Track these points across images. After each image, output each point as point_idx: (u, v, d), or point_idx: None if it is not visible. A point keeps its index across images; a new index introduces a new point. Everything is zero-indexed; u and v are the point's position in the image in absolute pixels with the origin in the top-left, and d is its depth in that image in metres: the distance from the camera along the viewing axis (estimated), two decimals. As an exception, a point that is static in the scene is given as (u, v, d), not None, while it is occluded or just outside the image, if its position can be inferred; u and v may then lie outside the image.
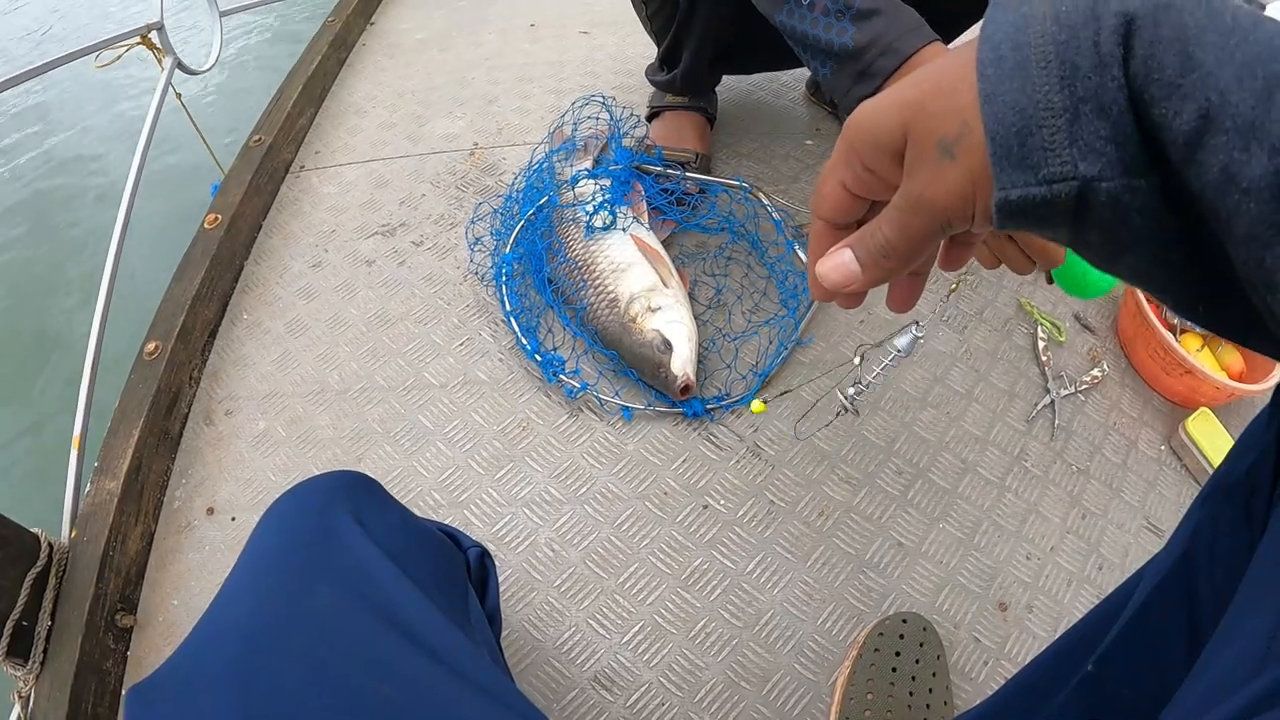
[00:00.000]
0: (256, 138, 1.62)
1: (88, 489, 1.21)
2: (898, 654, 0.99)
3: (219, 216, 1.46)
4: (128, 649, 1.15)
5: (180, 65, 1.68)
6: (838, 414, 1.20)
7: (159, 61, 1.63)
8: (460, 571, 0.75)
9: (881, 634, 1.01)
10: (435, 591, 0.62)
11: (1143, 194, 0.34)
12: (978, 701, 0.88)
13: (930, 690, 0.98)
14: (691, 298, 1.32)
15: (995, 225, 0.37)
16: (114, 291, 1.38)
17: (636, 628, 1.07)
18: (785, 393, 1.25)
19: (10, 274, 3.64)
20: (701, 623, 1.06)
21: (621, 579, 1.10)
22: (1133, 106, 0.33)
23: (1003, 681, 0.91)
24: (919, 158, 0.41)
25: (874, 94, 0.62)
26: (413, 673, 0.52)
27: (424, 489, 1.20)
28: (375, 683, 0.50)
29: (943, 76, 0.39)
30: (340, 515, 0.62)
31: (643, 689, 1.03)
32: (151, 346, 1.31)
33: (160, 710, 0.49)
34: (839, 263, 0.50)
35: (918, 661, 0.99)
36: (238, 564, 0.60)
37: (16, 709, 1.06)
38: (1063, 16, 0.34)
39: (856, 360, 1.25)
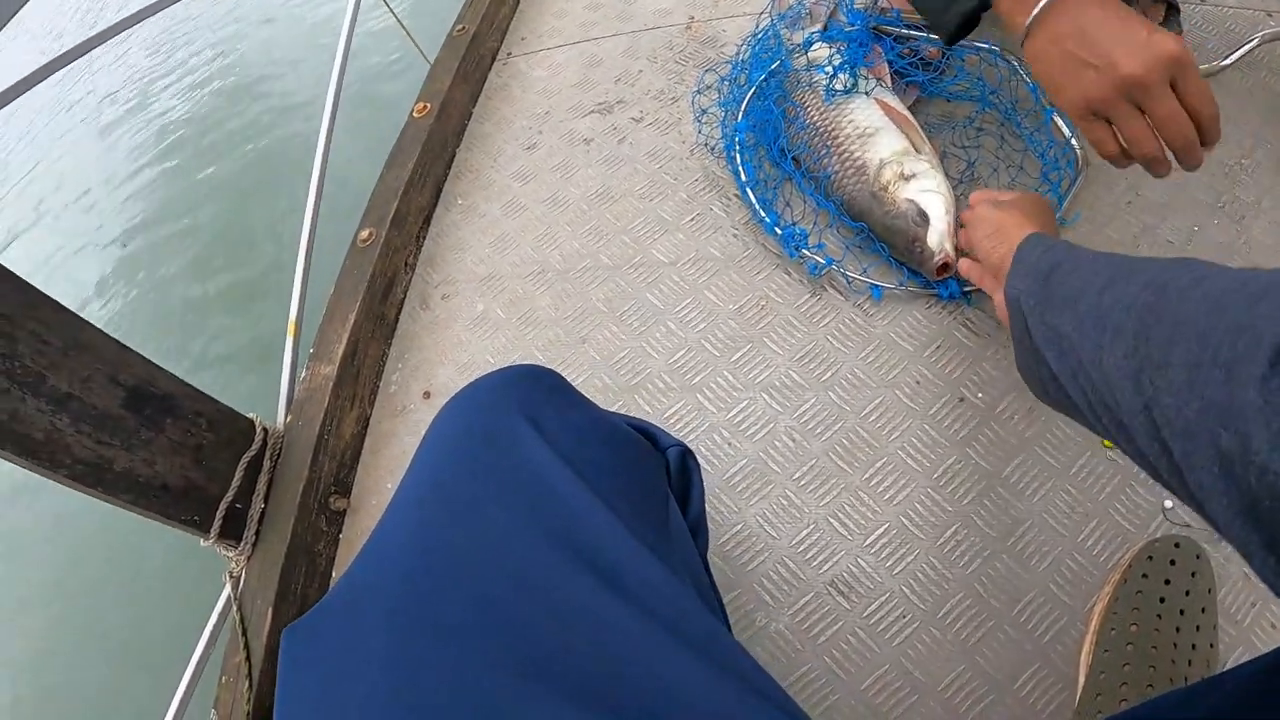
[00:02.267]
0: (460, 28, 1.54)
1: (303, 374, 1.18)
2: (1167, 582, 0.82)
3: (428, 105, 1.40)
4: (340, 532, 1.12)
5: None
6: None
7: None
8: (659, 478, 0.64)
9: (1150, 558, 0.84)
10: (628, 507, 0.54)
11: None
12: (1239, 649, 0.81)
13: (1198, 629, 0.80)
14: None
15: None
16: (325, 181, 1.34)
17: (880, 530, 0.94)
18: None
19: (225, 178, 3.81)
20: (952, 529, 0.92)
21: (867, 475, 0.97)
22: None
23: (1271, 629, 0.82)
24: None
25: None
26: (603, 617, 0.45)
27: (653, 370, 1.10)
28: (555, 627, 0.43)
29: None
30: (515, 419, 0.55)
31: (883, 598, 0.90)
32: (365, 233, 1.26)
33: (314, 652, 0.46)
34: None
35: (1188, 594, 0.82)
36: (404, 479, 0.55)
37: (227, 589, 1.05)
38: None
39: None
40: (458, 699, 0.40)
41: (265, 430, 1.11)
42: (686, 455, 0.69)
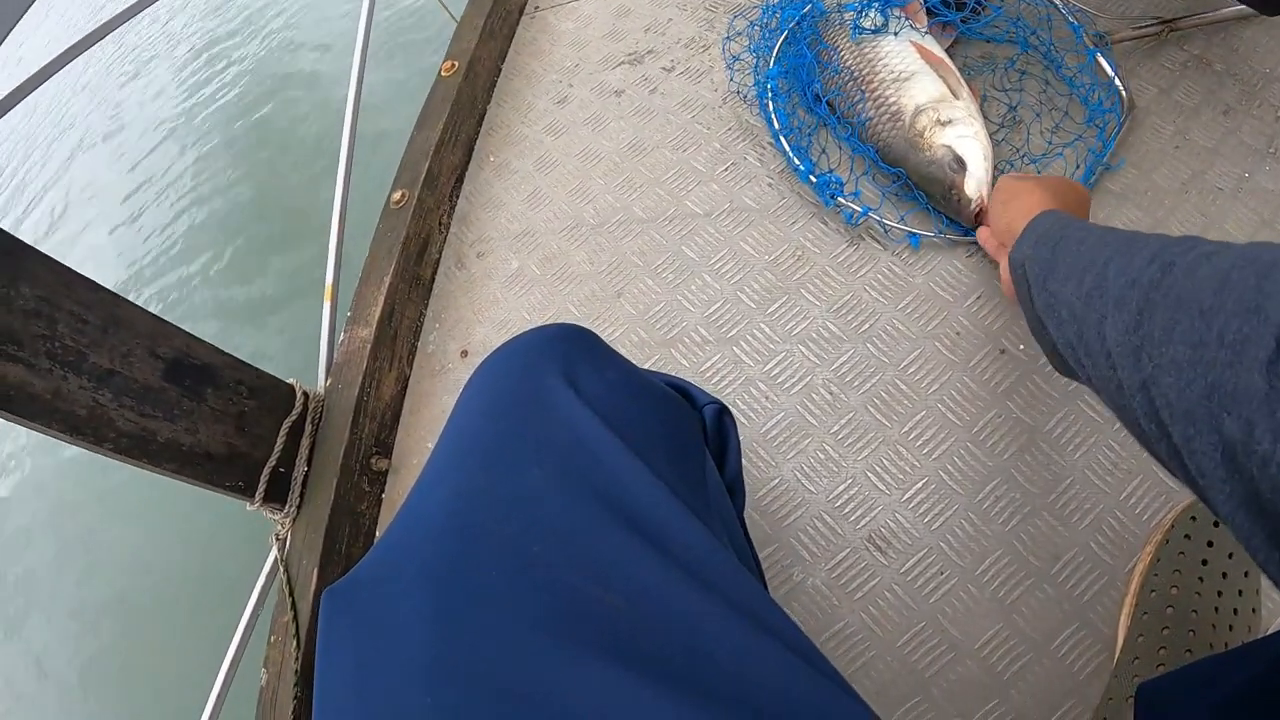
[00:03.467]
0: (488, -18, 1.52)
1: (341, 338, 1.18)
2: (1210, 544, 0.80)
3: (455, 63, 1.38)
4: (382, 492, 1.13)
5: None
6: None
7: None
8: (695, 436, 0.63)
9: (1194, 518, 0.82)
10: (666, 466, 0.52)
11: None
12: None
13: (1240, 593, 0.78)
14: (982, 115, 1.13)
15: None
16: (355, 144, 1.34)
17: (919, 484, 0.93)
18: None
19: (254, 148, 3.83)
20: (992, 484, 0.91)
21: (906, 429, 0.96)
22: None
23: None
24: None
25: None
26: (643, 576, 0.43)
27: (690, 324, 1.08)
28: (596, 587, 0.43)
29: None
30: (552, 378, 0.54)
31: (921, 554, 0.89)
32: (398, 195, 1.26)
33: (354, 614, 0.45)
34: None
35: (1230, 556, 0.79)
36: (440, 441, 0.55)
37: (274, 551, 1.07)
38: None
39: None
40: (498, 659, 0.40)
41: (306, 395, 1.12)
42: (723, 413, 0.68)
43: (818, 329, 1.04)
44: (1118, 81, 1.06)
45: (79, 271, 0.90)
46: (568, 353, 0.57)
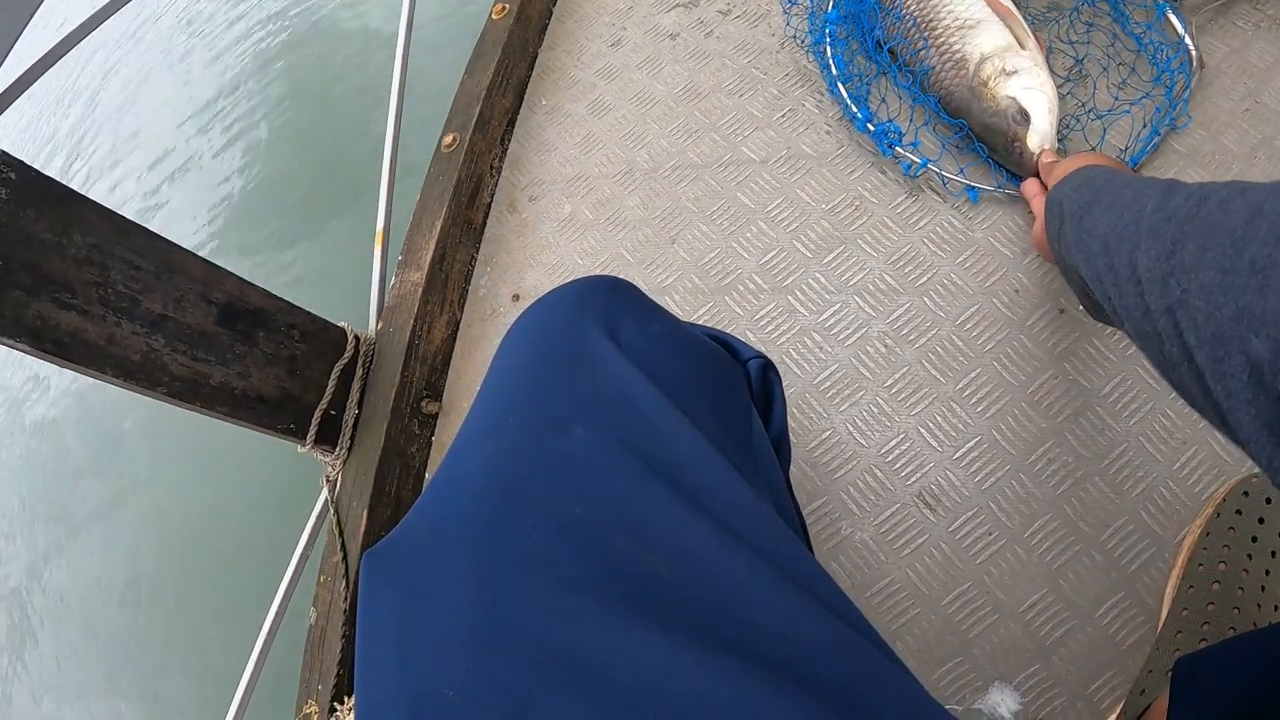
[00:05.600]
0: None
1: (392, 282, 1.19)
2: (1261, 521, 0.78)
3: (506, 5, 1.36)
4: (432, 434, 1.15)
5: None
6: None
7: None
8: (740, 390, 0.61)
9: (1246, 494, 0.80)
10: (711, 421, 0.51)
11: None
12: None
13: None
14: (1049, 68, 1.09)
15: None
16: (406, 85, 1.33)
17: (972, 443, 0.91)
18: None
19: (307, 97, 3.82)
20: (1045, 447, 0.89)
21: (960, 385, 0.94)
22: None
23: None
24: None
25: None
26: (686, 539, 0.43)
27: (744, 271, 1.07)
28: (638, 550, 0.42)
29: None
30: (594, 333, 0.52)
31: (970, 513, 0.89)
32: (449, 139, 1.25)
33: (394, 577, 0.44)
34: None
35: None
36: (480, 395, 0.54)
37: (325, 493, 1.09)
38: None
39: None
40: (538, 622, 0.39)
41: (357, 338, 1.13)
42: (768, 368, 0.66)
43: (874, 280, 1.02)
44: (1188, 39, 1.02)
45: (132, 220, 0.92)
46: (609, 305, 0.56)
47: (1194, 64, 1.02)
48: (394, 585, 0.44)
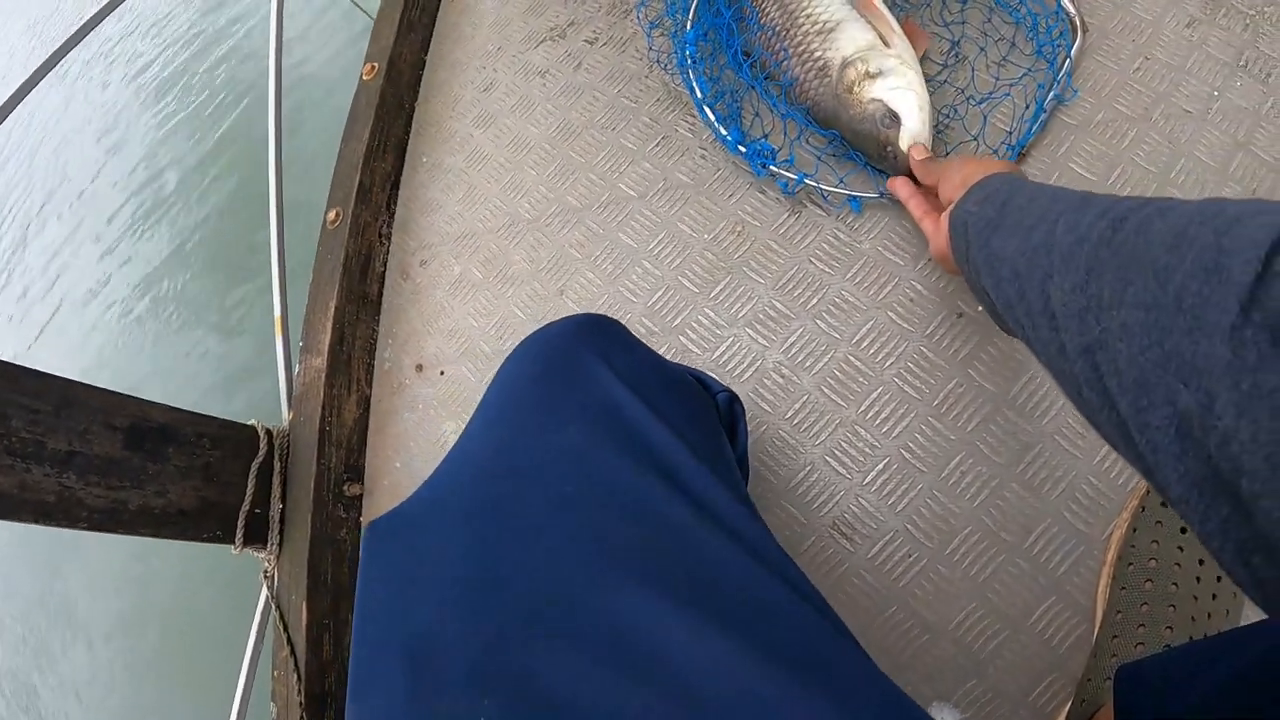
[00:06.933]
0: (400, -26, 1.44)
1: (297, 369, 1.17)
2: None
3: (375, 65, 1.32)
4: (359, 515, 1.13)
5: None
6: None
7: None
8: (712, 415, 0.69)
9: None
10: (690, 431, 0.58)
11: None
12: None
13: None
14: (925, 57, 1.05)
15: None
16: (283, 168, 1.30)
17: (880, 465, 0.90)
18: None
19: (197, 189, 3.77)
20: (957, 459, 0.88)
21: (863, 408, 0.93)
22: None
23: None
24: None
25: None
26: (667, 513, 0.49)
27: (633, 315, 1.05)
28: (624, 523, 0.48)
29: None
30: (588, 355, 0.60)
31: (888, 537, 0.88)
32: (333, 215, 1.23)
33: (394, 544, 0.50)
34: None
35: None
36: (484, 400, 0.61)
37: (264, 589, 1.09)
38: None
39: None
40: (533, 574, 0.45)
41: (269, 432, 1.12)
42: (734, 400, 0.74)
43: (764, 309, 1.00)
44: (1065, 2, 0.99)
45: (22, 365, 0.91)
46: (601, 337, 0.63)
47: (1074, 29, 0.99)
48: (399, 545, 0.50)
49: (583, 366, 0.59)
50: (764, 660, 0.41)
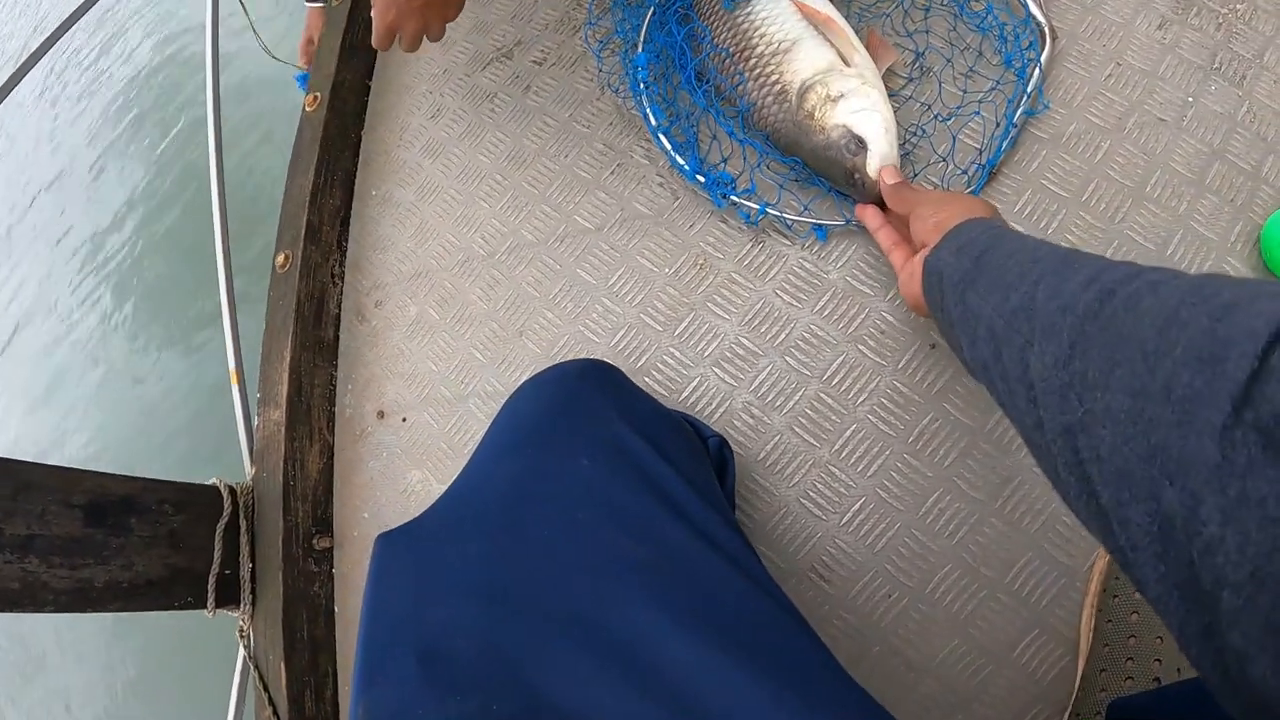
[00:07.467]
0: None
1: (256, 422, 1.14)
2: None
3: (318, 95, 1.27)
4: (331, 567, 1.11)
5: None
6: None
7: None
8: (704, 455, 0.75)
9: None
10: (685, 468, 0.62)
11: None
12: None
13: None
14: (889, 72, 1.01)
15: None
16: (228, 218, 1.26)
17: (857, 505, 0.88)
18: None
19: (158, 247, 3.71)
20: (934, 496, 0.86)
21: (836, 447, 0.90)
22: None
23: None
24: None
25: None
26: (668, 537, 0.53)
27: (598, 357, 1.02)
28: (631, 546, 0.51)
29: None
30: (597, 396, 0.66)
31: (867, 577, 0.86)
32: (281, 259, 1.19)
33: (408, 553, 0.53)
34: None
35: None
36: (496, 426, 0.66)
37: (241, 649, 1.08)
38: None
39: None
40: (543, 587, 0.48)
41: (233, 490, 1.09)
42: (724, 445, 0.81)
43: (730, 346, 0.97)
44: (1034, 9, 0.96)
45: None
46: (606, 381, 0.69)
47: (1044, 37, 0.96)
48: (414, 554, 0.53)
49: (592, 406, 0.64)
50: (760, 674, 0.44)
